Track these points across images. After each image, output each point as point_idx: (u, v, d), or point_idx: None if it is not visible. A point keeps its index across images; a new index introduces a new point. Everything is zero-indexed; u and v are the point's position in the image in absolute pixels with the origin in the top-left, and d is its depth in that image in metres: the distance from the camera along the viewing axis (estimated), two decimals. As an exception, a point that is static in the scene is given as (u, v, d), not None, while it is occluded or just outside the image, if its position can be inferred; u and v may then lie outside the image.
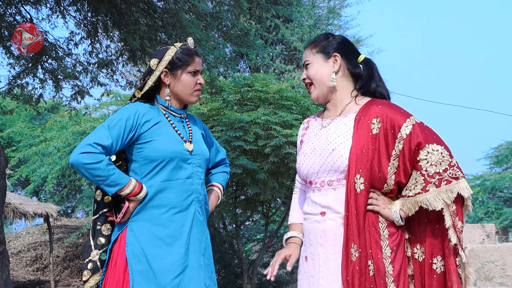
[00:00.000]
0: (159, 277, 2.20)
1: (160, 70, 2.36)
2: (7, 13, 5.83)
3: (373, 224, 1.97)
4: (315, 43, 2.16)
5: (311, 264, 2.06)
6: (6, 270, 4.80)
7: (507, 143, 28.54)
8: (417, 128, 1.97)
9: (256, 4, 6.76)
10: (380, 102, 2.05)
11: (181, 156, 2.31)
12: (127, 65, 7.14)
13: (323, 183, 2.05)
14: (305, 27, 14.90)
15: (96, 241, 2.33)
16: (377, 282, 1.91)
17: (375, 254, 1.94)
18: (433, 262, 1.98)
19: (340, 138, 2.03)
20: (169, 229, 2.26)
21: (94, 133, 2.25)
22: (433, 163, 1.95)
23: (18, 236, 15.31)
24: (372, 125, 2.00)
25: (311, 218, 2.09)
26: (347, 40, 2.19)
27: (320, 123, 2.16)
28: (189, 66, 2.37)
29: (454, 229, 1.92)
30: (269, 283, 11.57)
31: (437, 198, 1.92)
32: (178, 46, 2.40)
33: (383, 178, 1.98)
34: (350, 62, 2.13)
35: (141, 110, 2.33)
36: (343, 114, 2.10)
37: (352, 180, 1.96)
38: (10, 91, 6.44)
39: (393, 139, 1.98)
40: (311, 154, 2.10)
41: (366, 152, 1.97)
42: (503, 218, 25.71)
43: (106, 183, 2.20)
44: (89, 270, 2.30)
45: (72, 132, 10.64)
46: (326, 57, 2.11)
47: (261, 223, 11.64)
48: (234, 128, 7.03)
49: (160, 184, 2.28)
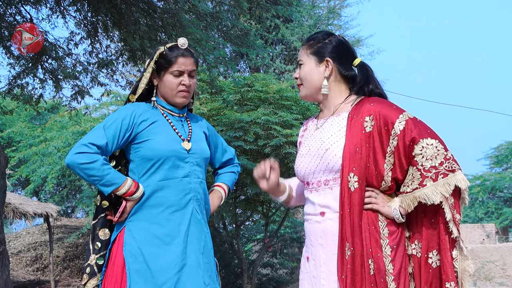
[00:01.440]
0: (156, 276, 2.20)
1: (149, 71, 2.38)
2: (7, 13, 5.84)
3: (373, 222, 1.97)
4: (311, 43, 2.13)
5: (313, 264, 2.07)
6: (6, 270, 4.80)
7: (507, 143, 28.54)
8: (410, 123, 1.96)
9: (256, 4, 6.76)
10: (372, 100, 2.05)
11: (177, 155, 2.31)
12: (127, 65, 7.14)
13: (320, 183, 2.06)
14: (305, 27, 14.91)
15: (94, 246, 2.35)
16: (378, 281, 1.91)
17: (375, 253, 1.94)
18: (429, 256, 1.98)
19: (333, 138, 2.03)
20: (167, 228, 2.26)
21: (89, 133, 2.27)
22: (429, 157, 1.94)
23: (18, 236, 15.31)
24: (365, 123, 1.99)
25: (311, 219, 2.09)
26: (344, 42, 2.16)
27: (315, 123, 2.17)
28: (171, 67, 2.36)
29: (454, 221, 1.92)
30: (269, 283, 11.57)
31: (435, 192, 1.92)
32: (167, 46, 2.40)
33: (380, 175, 1.98)
34: (344, 66, 2.11)
35: (138, 110, 2.34)
36: (336, 113, 2.10)
37: (346, 179, 1.96)
38: (10, 91, 6.45)
39: (387, 136, 1.97)
40: (307, 155, 2.10)
41: (359, 150, 1.97)
42: (503, 218, 25.71)
43: (101, 183, 2.21)
44: (87, 274, 2.33)
45: (72, 132, 10.65)
46: (319, 60, 2.10)
47: (261, 223, 11.64)
48: (234, 128, 7.03)
49: (157, 183, 2.28)
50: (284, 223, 9.62)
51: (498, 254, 12.53)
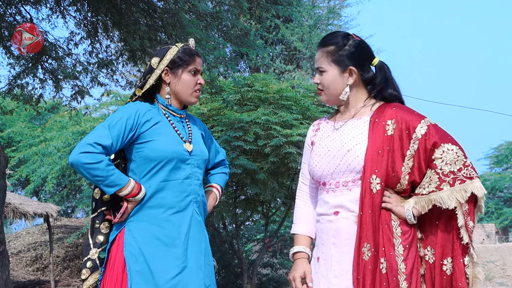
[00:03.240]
0: (157, 277, 2.20)
1: (161, 69, 2.36)
2: (7, 13, 5.83)
3: (386, 221, 1.98)
4: (331, 50, 2.10)
5: (323, 264, 2.07)
6: (6, 270, 4.80)
7: (507, 143, 28.53)
8: (432, 128, 2.00)
9: (256, 4, 6.77)
10: (394, 105, 2.08)
11: (180, 157, 2.31)
12: (127, 65, 7.14)
13: (338, 184, 2.06)
14: (305, 27, 14.91)
15: (94, 240, 2.33)
16: (390, 279, 1.92)
17: (388, 251, 1.95)
18: (443, 263, 1.99)
19: (355, 140, 2.05)
20: (167, 229, 2.26)
21: (94, 132, 2.24)
22: (448, 162, 1.97)
23: (18, 236, 15.31)
24: (387, 126, 2.02)
25: (324, 219, 2.09)
26: (362, 44, 2.14)
27: (332, 125, 2.16)
28: (190, 65, 2.38)
29: (466, 228, 1.93)
30: (269, 283, 11.57)
31: (451, 197, 1.94)
32: (180, 46, 2.41)
33: (397, 177, 2.00)
34: (364, 69, 2.12)
35: (142, 109, 2.33)
36: (356, 116, 2.11)
37: (368, 180, 1.98)
38: (10, 91, 6.44)
39: (408, 140, 2.00)
40: (325, 155, 2.10)
41: (381, 153, 1.99)
42: (503, 218, 25.70)
43: (105, 184, 2.20)
44: (88, 269, 2.30)
45: (72, 132, 10.63)
46: (342, 70, 2.09)
47: (261, 223, 11.64)
48: (234, 128, 7.03)
49: (158, 185, 2.28)
50: (284, 223, 9.60)
51: (498, 254, 12.54)
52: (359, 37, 2.16)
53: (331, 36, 2.15)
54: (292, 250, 2.21)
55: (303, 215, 2.24)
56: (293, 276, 2.14)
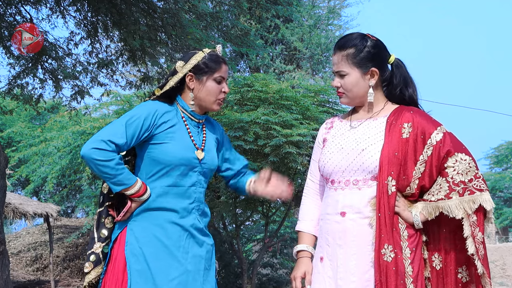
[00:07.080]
0: (156, 277, 2.20)
1: (184, 72, 2.34)
2: (7, 13, 5.84)
3: (394, 224, 1.99)
4: (352, 53, 2.08)
5: (328, 265, 2.06)
6: (6, 270, 4.80)
7: (507, 143, 28.52)
8: (447, 136, 2.01)
9: (256, 4, 6.77)
10: (412, 109, 2.09)
11: (188, 164, 2.30)
12: (127, 65, 7.14)
13: (348, 182, 2.05)
14: (305, 27, 14.91)
15: (99, 234, 2.33)
16: (398, 282, 1.92)
17: (396, 254, 1.96)
18: (458, 271, 2.01)
19: (371, 140, 2.05)
20: (168, 231, 2.26)
21: (110, 128, 2.24)
22: (460, 171, 1.98)
23: (18, 236, 15.31)
24: (403, 129, 2.03)
25: (329, 219, 2.08)
26: (379, 43, 2.13)
27: (348, 124, 2.16)
28: (215, 73, 2.35)
29: (473, 239, 1.93)
30: (269, 283, 11.58)
31: (459, 206, 1.95)
32: (207, 52, 2.38)
33: (407, 181, 2.01)
34: (384, 69, 2.12)
35: (160, 110, 2.31)
36: (373, 117, 2.12)
37: (384, 182, 1.98)
38: (10, 91, 6.45)
39: (422, 145, 2.01)
40: (338, 153, 2.09)
41: (397, 156, 2.00)
42: (503, 218, 25.70)
43: (112, 181, 2.20)
44: (91, 262, 2.31)
45: (72, 132, 10.62)
46: (364, 72, 2.08)
47: (261, 223, 11.63)
48: (234, 128, 7.03)
49: (164, 188, 2.28)
50: (284, 223, 9.61)
51: (498, 254, 12.53)
52: (375, 37, 2.15)
53: (348, 38, 2.13)
54: (296, 248, 2.21)
55: (309, 212, 2.24)
56: (294, 276, 2.14)
